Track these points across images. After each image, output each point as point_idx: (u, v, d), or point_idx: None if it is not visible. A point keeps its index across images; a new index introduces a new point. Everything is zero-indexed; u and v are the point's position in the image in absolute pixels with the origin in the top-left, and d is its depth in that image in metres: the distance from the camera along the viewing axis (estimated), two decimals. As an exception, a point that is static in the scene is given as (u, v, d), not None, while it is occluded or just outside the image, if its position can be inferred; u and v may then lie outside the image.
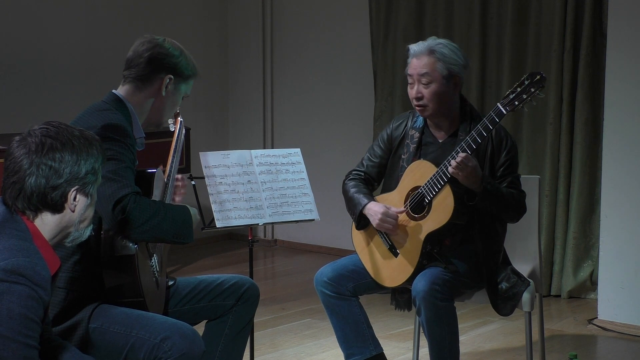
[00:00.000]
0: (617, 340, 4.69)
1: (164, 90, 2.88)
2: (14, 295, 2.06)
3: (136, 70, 2.86)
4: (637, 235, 4.73)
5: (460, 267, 3.38)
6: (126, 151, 2.71)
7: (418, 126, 3.54)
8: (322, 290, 3.52)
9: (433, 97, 3.41)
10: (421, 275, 3.32)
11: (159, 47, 2.86)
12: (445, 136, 3.51)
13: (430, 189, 3.35)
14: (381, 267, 3.50)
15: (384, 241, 3.49)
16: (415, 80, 3.44)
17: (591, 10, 5.24)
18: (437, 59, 3.40)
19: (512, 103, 3.23)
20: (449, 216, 3.31)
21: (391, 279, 3.47)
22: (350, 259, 3.61)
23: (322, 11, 6.89)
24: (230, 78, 7.51)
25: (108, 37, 6.41)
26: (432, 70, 3.40)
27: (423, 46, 3.43)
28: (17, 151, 2.22)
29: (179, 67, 2.88)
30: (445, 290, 3.28)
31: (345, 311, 3.51)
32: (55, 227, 2.26)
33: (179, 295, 3.05)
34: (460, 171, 3.23)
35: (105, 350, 2.62)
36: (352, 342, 3.52)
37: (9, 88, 6.07)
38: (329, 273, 3.52)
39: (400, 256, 3.44)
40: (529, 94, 3.22)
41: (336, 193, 6.79)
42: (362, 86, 6.58)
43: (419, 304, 3.27)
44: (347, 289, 3.51)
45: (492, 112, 3.25)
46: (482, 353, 4.42)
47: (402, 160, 3.52)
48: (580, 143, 5.34)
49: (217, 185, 3.49)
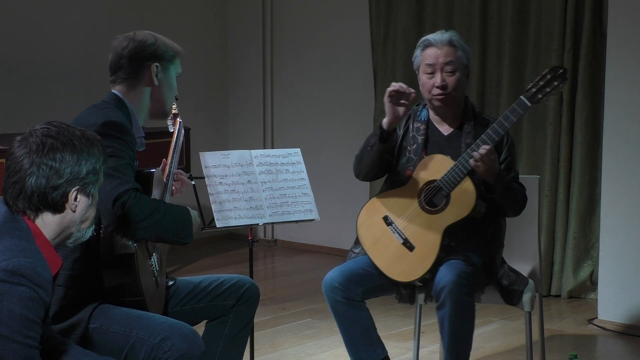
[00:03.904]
0: (617, 340, 4.69)
1: (155, 79, 2.90)
2: (14, 296, 2.06)
3: (122, 71, 2.89)
4: (637, 235, 4.73)
5: (476, 261, 3.39)
6: (126, 148, 2.72)
7: (423, 119, 3.54)
8: (331, 295, 3.44)
9: (457, 85, 3.45)
10: (446, 268, 3.28)
11: (133, 42, 2.89)
12: (449, 130, 3.52)
13: (448, 182, 3.35)
14: (394, 262, 3.43)
15: (397, 236, 3.44)
16: (437, 69, 3.44)
17: (591, 10, 5.24)
18: (457, 48, 3.46)
19: (536, 96, 3.30)
20: (470, 208, 3.33)
21: (407, 273, 3.41)
22: (356, 262, 3.53)
23: (322, 11, 6.90)
24: (230, 78, 7.51)
25: (108, 37, 6.38)
26: (456, 58, 3.45)
27: (442, 37, 3.47)
28: (18, 151, 2.22)
29: (159, 52, 2.91)
30: (469, 284, 3.27)
31: (355, 316, 3.44)
32: (56, 227, 2.26)
33: (179, 295, 3.05)
34: (483, 163, 3.26)
35: (105, 351, 2.62)
36: (360, 347, 3.47)
37: (9, 88, 6.08)
38: (338, 278, 3.44)
39: (416, 250, 3.40)
40: (552, 87, 3.29)
41: (336, 193, 6.85)
42: (362, 86, 6.58)
43: (444, 297, 3.23)
44: (356, 294, 3.43)
45: (515, 104, 3.31)
46: (482, 353, 4.41)
47: (409, 152, 3.50)
48: (580, 143, 5.34)
49: (217, 185, 3.49)
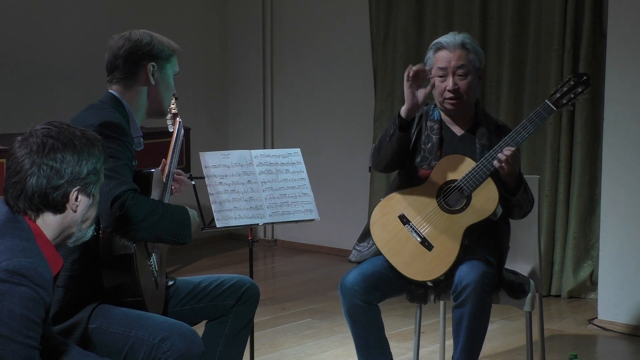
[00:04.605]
0: (617, 340, 4.69)
1: (152, 78, 2.90)
2: (15, 296, 2.06)
3: (118, 71, 2.89)
4: (637, 235, 4.73)
5: (493, 261, 3.39)
6: (123, 149, 2.72)
7: (436, 118, 3.53)
8: (350, 299, 3.38)
9: (469, 89, 3.45)
10: (468, 267, 3.28)
11: (128, 42, 2.89)
12: (461, 131, 3.53)
13: (470, 183, 3.36)
14: (412, 262, 3.41)
15: (414, 235, 3.43)
16: (449, 73, 3.44)
17: (591, 10, 5.24)
18: (469, 51, 3.46)
19: (560, 101, 3.36)
20: (492, 209, 3.35)
21: (425, 272, 3.39)
22: (372, 264, 3.46)
23: (322, 11, 6.90)
24: (230, 78, 7.51)
25: (108, 37, 6.37)
26: (468, 62, 3.45)
27: (455, 39, 3.46)
28: (19, 151, 2.22)
29: (155, 51, 2.90)
30: (491, 284, 3.28)
31: (370, 320, 3.42)
32: (57, 228, 2.26)
33: (179, 295, 3.05)
34: (507, 165, 3.29)
35: (105, 351, 2.62)
36: (373, 349, 3.45)
37: (9, 88, 6.08)
38: (360, 282, 3.37)
39: (435, 249, 3.39)
40: (577, 94, 3.36)
41: (336, 193, 6.85)
42: (362, 86, 6.58)
43: (467, 296, 3.22)
44: (375, 298, 3.41)
45: (540, 108, 3.36)
46: (482, 353, 4.39)
47: (424, 151, 3.49)
48: (580, 143, 5.34)
49: (217, 185, 3.48)
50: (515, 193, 3.39)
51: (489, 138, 3.48)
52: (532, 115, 3.35)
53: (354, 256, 3.59)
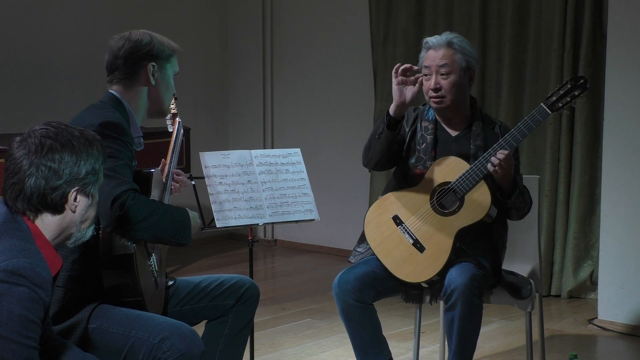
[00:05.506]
0: (617, 340, 4.69)
1: (152, 78, 2.90)
2: (14, 297, 2.06)
3: (119, 71, 2.89)
4: (637, 235, 4.73)
5: (485, 264, 3.39)
6: (124, 149, 2.72)
7: (430, 118, 3.53)
8: (344, 298, 3.40)
9: (451, 88, 3.43)
10: (457, 270, 3.28)
11: (128, 42, 2.88)
12: (456, 131, 3.52)
13: (463, 185, 3.36)
14: (403, 263, 3.42)
15: (407, 236, 3.44)
16: (433, 72, 3.44)
17: (591, 10, 5.24)
18: (455, 50, 3.44)
19: (556, 104, 3.34)
20: (484, 212, 3.34)
21: (416, 274, 3.41)
22: (366, 264, 3.49)
23: (322, 11, 6.90)
24: (230, 78, 7.51)
25: (108, 37, 6.38)
26: (452, 61, 3.43)
27: (441, 39, 3.46)
28: (17, 152, 2.22)
29: (155, 51, 2.90)
30: (480, 287, 3.27)
31: (366, 319, 3.43)
32: (56, 228, 2.26)
33: (179, 295, 3.05)
34: (500, 168, 3.28)
35: (105, 351, 2.62)
36: (369, 349, 3.46)
37: (9, 88, 6.08)
38: (353, 281, 3.40)
39: (427, 251, 3.39)
40: (573, 97, 3.34)
41: (336, 193, 6.85)
42: (362, 86, 6.58)
43: (456, 299, 3.23)
44: (369, 297, 3.42)
45: (535, 112, 3.33)
46: (482, 353, 4.41)
47: (419, 151, 3.49)
48: (580, 143, 5.34)
49: (217, 185, 3.48)
50: (510, 196, 3.37)
51: (484, 138, 3.47)
52: (527, 119, 3.34)
53: (353, 258, 3.60)
